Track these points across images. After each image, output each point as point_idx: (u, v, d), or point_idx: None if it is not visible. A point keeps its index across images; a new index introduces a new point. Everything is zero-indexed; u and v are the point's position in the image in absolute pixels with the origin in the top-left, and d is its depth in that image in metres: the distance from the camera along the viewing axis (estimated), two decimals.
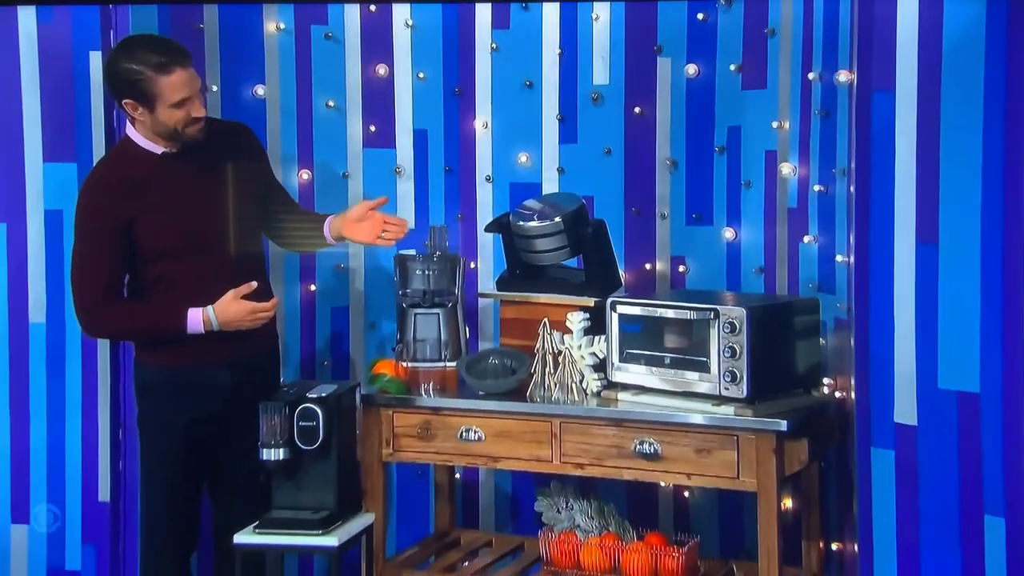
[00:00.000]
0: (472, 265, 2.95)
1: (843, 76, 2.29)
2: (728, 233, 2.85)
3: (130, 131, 2.43)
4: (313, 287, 2.96)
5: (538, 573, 2.58)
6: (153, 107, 2.33)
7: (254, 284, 2.41)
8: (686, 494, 2.84)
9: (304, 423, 2.35)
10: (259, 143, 2.64)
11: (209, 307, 2.38)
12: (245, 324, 2.41)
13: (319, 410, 2.35)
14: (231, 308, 2.39)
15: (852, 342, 2.22)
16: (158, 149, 2.42)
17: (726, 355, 2.31)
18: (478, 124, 2.97)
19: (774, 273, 2.77)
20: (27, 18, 2.59)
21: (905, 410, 2.08)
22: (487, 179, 2.98)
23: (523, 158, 2.95)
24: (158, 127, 2.37)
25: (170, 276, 2.41)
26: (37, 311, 2.65)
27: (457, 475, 2.92)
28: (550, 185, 2.93)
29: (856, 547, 2.24)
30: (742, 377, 2.30)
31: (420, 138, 2.99)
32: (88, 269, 2.39)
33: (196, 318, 2.38)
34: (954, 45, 1.98)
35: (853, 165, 2.21)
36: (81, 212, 2.41)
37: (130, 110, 2.36)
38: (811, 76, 2.56)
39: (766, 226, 2.79)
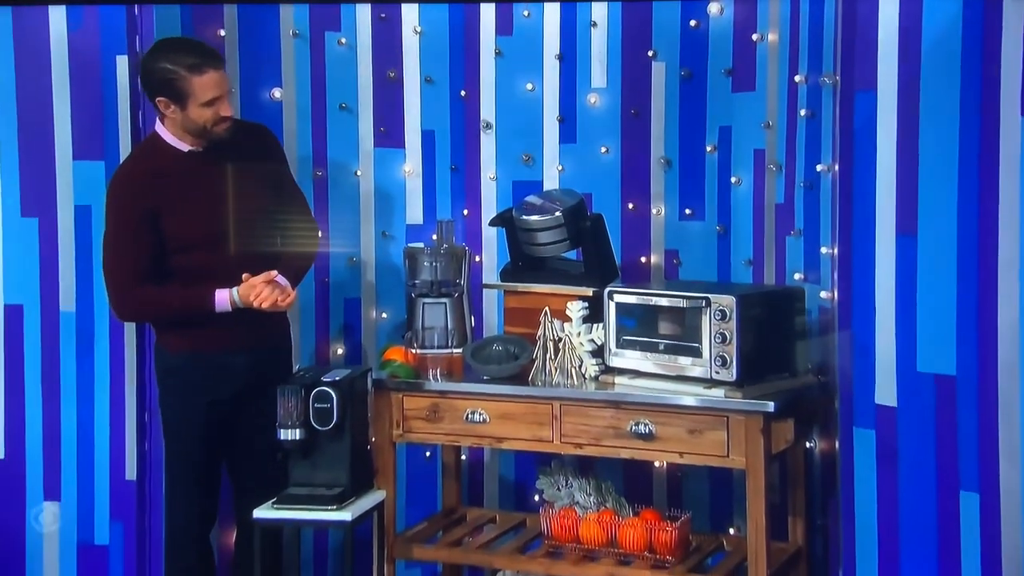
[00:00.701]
0: (477, 259, 2.96)
1: (827, 77, 2.30)
2: (719, 228, 2.85)
3: (159, 128, 2.44)
4: (327, 280, 2.96)
5: (539, 547, 2.58)
6: (185, 105, 2.35)
7: (274, 272, 2.42)
8: (679, 474, 2.85)
9: (319, 405, 2.36)
10: (279, 144, 2.65)
11: (234, 289, 2.39)
12: (266, 306, 2.40)
13: (333, 393, 2.36)
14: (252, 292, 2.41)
15: (836, 328, 2.23)
16: (184, 147, 2.43)
17: (717, 341, 2.32)
18: (482, 125, 2.97)
19: (762, 265, 2.78)
20: (57, 23, 2.59)
21: (885, 392, 2.09)
22: (491, 177, 2.99)
23: (525, 157, 2.95)
24: (188, 125, 2.38)
25: (192, 268, 2.42)
26: (67, 300, 2.64)
27: (463, 456, 2.93)
28: (551, 183, 2.94)
29: (839, 522, 2.24)
30: (732, 361, 2.31)
31: (428, 138, 2.99)
32: (119, 255, 2.41)
33: (224, 298, 2.39)
34: (932, 47, 1.98)
35: (837, 162, 2.22)
36: (111, 202, 2.43)
37: (162, 108, 2.38)
38: (797, 79, 2.56)
39: (755, 221, 2.79)
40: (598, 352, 2.48)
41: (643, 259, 2.91)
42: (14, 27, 2.59)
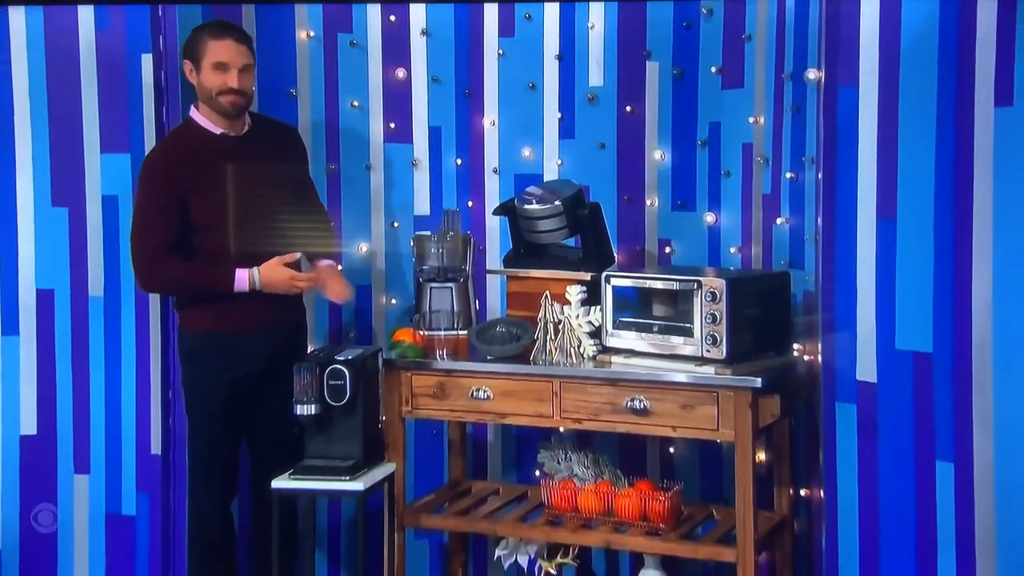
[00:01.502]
0: (481, 248, 2.96)
1: (812, 74, 2.29)
2: (709, 217, 2.85)
3: (192, 112, 2.47)
4: (339, 267, 2.97)
5: (540, 516, 2.58)
6: (200, 67, 2.38)
7: (297, 254, 2.43)
8: (671, 449, 2.85)
9: (333, 382, 2.37)
10: (304, 147, 2.67)
11: (255, 268, 2.40)
12: (282, 289, 2.43)
13: (346, 371, 2.37)
14: (273, 272, 2.42)
15: (819, 310, 2.24)
16: (216, 130, 2.45)
17: (707, 321, 2.32)
18: (486, 122, 2.96)
19: (750, 252, 2.77)
20: (86, 23, 2.59)
21: (866, 369, 2.09)
22: (494, 171, 2.98)
23: (526, 152, 2.95)
24: (202, 92, 2.41)
25: (213, 248, 2.43)
26: (96, 286, 2.65)
27: (468, 432, 2.93)
28: (550, 176, 2.92)
29: (822, 492, 2.25)
30: (722, 340, 2.31)
31: (435, 134, 2.99)
32: (146, 230, 2.42)
33: (243, 277, 2.41)
34: (911, 44, 1.99)
35: (821, 153, 2.22)
36: (143, 181, 2.44)
37: (187, 73, 2.43)
38: (784, 75, 2.56)
39: (743, 211, 2.79)
40: (596, 333, 2.48)
41: (638, 248, 2.90)
42: (45, 27, 2.59)
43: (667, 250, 2.90)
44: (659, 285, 2.41)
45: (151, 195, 2.42)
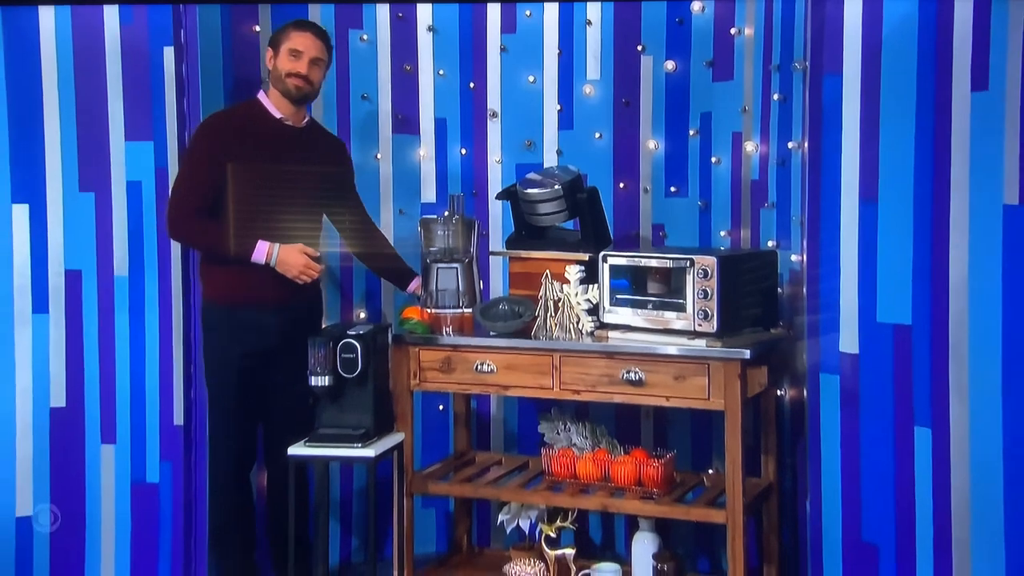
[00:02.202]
0: (484, 233, 2.97)
1: (798, 64, 2.30)
2: (700, 203, 2.86)
3: (261, 94, 2.57)
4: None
5: (541, 482, 2.60)
6: (277, 52, 2.51)
7: (318, 253, 2.47)
8: (664, 424, 2.86)
9: (346, 355, 2.38)
10: (350, 158, 2.76)
11: (276, 244, 2.42)
12: (292, 274, 2.44)
13: (358, 344, 2.37)
14: (292, 255, 2.44)
15: (804, 285, 2.24)
16: (277, 113, 2.50)
17: (699, 297, 2.33)
18: (489, 114, 2.97)
19: (739, 235, 2.78)
20: (111, 19, 2.57)
21: (849, 341, 2.10)
22: (497, 160, 2.98)
23: (527, 142, 2.95)
24: (274, 75, 2.52)
25: (241, 221, 2.45)
26: (121, 266, 2.64)
27: (472, 406, 2.94)
28: (550, 165, 2.94)
29: (807, 459, 2.26)
30: (713, 315, 2.32)
31: (440, 125, 2.99)
32: (186, 187, 2.47)
33: (261, 250, 2.44)
34: (892, 32, 1.99)
35: (806, 139, 2.22)
36: (195, 139, 2.51)
37: (268, 60, 2.55)
38: (771, 67, 2.57)
39: (732, 196, 2.79)
40: (593, 310, 2.49)
41: (633, 232, 2.91)
42: (73, 23, 2.59)
43: (660, 234, 2.91)
44: (654, 263, 2.42)
45: (198, 153, 2.48)
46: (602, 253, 2.51)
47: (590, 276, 2.51)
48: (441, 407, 3.00)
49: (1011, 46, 1.78)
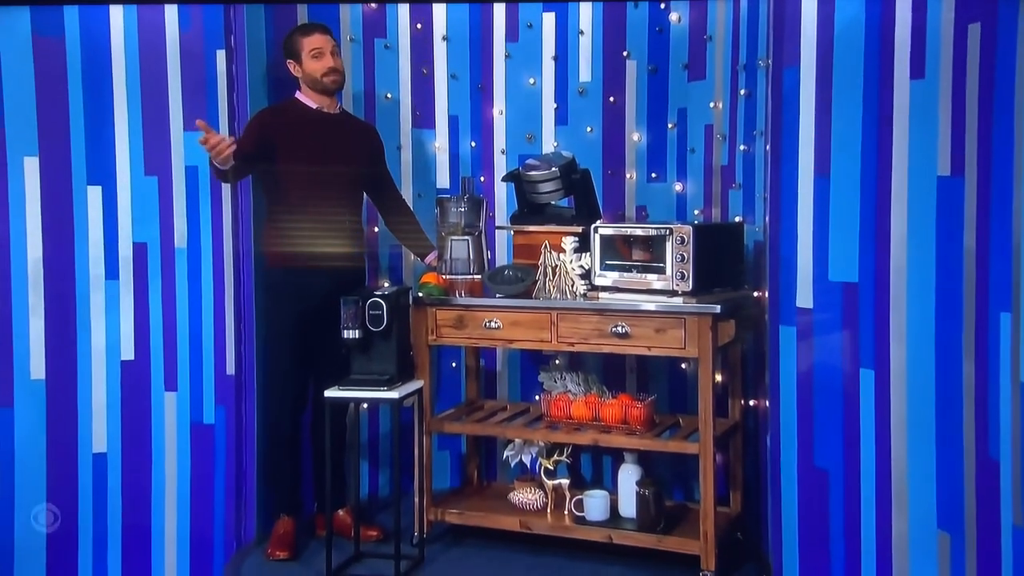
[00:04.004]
0: (491, 215, 2.98)
1: (762, 61, 2.31)
2: (677, 187, 2.88)
3: (298, 94, 2.58)
4: (376, 229, 2.99)
5: (540, 423, 2.62)
6: (300, 60, 2.49)
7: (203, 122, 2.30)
8: (646, 375, 2.88)
9: (373, 312, 2.39)
10: (380, 140, 2.75)
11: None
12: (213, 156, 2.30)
13: (383, 302, 2.39)
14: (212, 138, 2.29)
15: (767, 251, 2.25)
16: (313, 104, 2.53)
17: (677, 261, 2.34)
18: (495, 111, 2.98)
19: (711, 214, 2.79)
20: (171, 25, 2.59)
21: (804, 297, 2.11)
22: (502, 151, 3.00)
23: (528, 136, 2.96)
24: (308, 79, 2.51)
25: (288, 189, 2.48)
26: (180, 239, 2.66)
27: (481, 363, 2.96)
28: None
29: (767, 402, 2.28)
30: (689, 276, 2.33)
31: (453, 121, 3.00)
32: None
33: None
34: (843, 29, 1.99)
35: (769, 124, 2.23)
36: (246, 127, 2.54)
37: (292, 70, 2.54)
38: (738, 67, 2.58)
39: (705, 180, 2.81)
40: (586, 275, 2.50)
41: (619, 213, 2.92)
42: (139, 28, 2.60)
43: (643, 214, 2.92)
44: (639, 232, 2.43)
45: (247, 136, 2.50)
46: (593, 225, 2.52)
47: (583, 245, 2.52)
48: (454, 364, 3.01)
49: (944, 41, 1.79)
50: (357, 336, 2.38)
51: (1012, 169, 1.61)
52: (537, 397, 2.73)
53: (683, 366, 2.80)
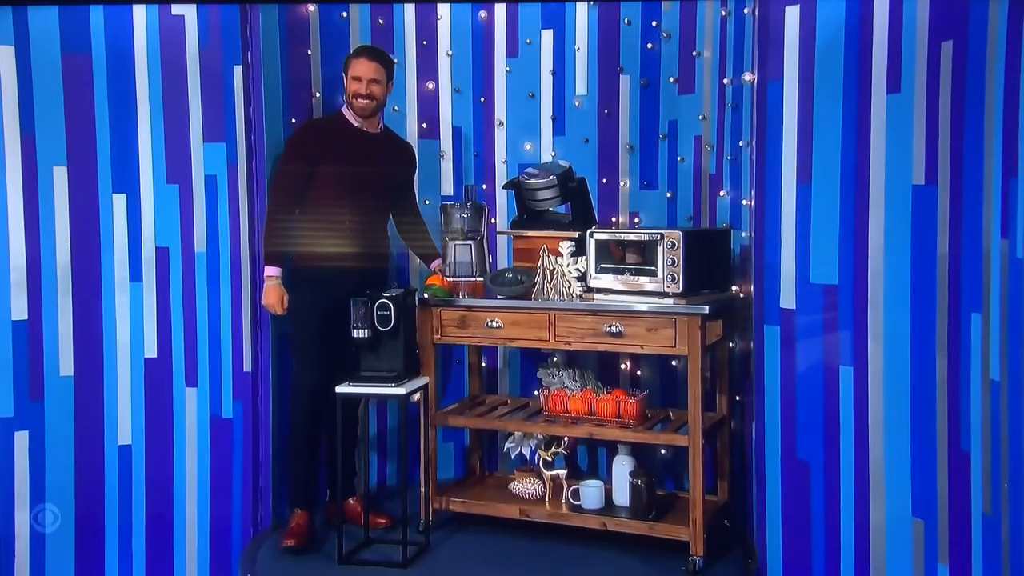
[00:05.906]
0: (492, 220, 2.99)
1: (747, 76, 2.32)
2: (668, 194, 2.88)
3: (344, 108, 2.62)
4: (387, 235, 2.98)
5: (539, 417, 2.62)
6: (346, 77, 2.56)
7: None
8: (639, 372, 2.89)
9: (381, 312, 2.40)
10: (415, 159, 2.78)
11: (276, 279, 2.51)
12: (266, 301, 2.52)
13: (391, 303, 2.39)
14: (272, 293, 2.50)
15: (752, 255, 2.26)
16: (355, 122, 2.55)
17: (668, 264, 2.34)
18: (496, 123, 2.98)
19: (699, 220, 2.80)
20: (191, 41, 2.60)
21: (787, 298, 2.12)
22: (503, 161, 3.00)
23: (527, 146, 2.97)
24: (347, 96, 2.57)
25: (325, 206, 2.50)
26: (200, 244, 2.66)
27: (483, 361, 2.96)
28: None
29: (752, 397, 2.28)
30: (679, 279, 2.33)
31: (457, 133, 3.01)
32: (279, 179, 2.55)
33: (271, 272, 2.52)
34: (824, 47, 2.01)
35: (754, 135, 2.24)
36: (287, 145, 2.59)
37: (345, 82, 2.59)
38: (725, 81, 2.58)
39: (694, 187, 2.81)
40: (582, 277, 2.51)
41: (613, 219, 2.93)
42: (161, 45, 2.61)
43: (636, 220, 2.93)
44: (632, 237, 2.43)
45: (289, 155, 2.54)
46: (589, 231, 2.52)
47: (579, 250, 2.52)
48: (458, 362, 3.02)
49: (919, 57, 1.80)
50: (366, 335, 2.39)
51: (982, 178, 1.62)
52: (536, 393, 2.74)
53: (673, 363, 2.80)
